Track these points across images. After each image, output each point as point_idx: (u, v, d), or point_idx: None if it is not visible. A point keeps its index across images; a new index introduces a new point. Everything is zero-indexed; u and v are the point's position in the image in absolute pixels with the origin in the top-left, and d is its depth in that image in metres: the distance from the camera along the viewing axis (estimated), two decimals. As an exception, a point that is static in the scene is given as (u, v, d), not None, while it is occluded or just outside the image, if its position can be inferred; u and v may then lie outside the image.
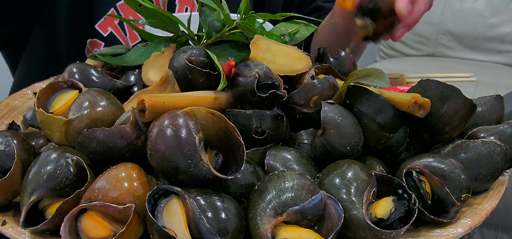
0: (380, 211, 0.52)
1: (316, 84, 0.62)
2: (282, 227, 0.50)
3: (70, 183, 0.54)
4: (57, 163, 0.54)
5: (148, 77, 0.68)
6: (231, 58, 0.69)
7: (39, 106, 0.60)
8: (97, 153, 0.55)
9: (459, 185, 0.57)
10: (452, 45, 2.34)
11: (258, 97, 0.59)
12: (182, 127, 0.51)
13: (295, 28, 0.77)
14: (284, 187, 0.51)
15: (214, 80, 0.62)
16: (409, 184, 0.57)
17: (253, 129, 0.58)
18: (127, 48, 0.79)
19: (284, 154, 0.58)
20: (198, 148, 0.51)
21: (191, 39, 0.74)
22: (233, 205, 0.51)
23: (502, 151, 0.60)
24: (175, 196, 0.50)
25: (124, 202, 0.50)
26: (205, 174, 0.51)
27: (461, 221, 0.55)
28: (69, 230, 0.50)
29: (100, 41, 1.03)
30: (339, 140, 0.57)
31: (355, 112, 0.60)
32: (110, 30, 1.04)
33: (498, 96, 0.68)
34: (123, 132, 0.55)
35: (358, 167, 0.54)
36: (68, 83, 0.63)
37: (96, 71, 0.69)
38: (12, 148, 0.57)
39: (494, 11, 2.25)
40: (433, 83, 0.59)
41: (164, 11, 0.71)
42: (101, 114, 0.58)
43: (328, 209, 0.51)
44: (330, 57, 0.76)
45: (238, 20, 0.71)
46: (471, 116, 0.61)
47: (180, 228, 0.48)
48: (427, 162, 0.58)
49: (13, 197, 0.57)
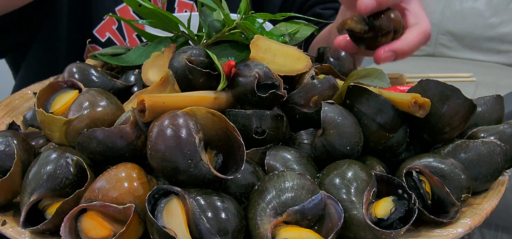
0: (380, 211, 0.52)
1: (316, 84, 0.62)
2: (282, 227, 0.50)
3: (70, 183, 0.54)
4: (57, 163, 0.54)
5: (148, 77, 0.68)
6: (231, 58, 0.69)
7: (39, 106, 0.60)
8: (97, 153, 0.55)
9: (459, 185, 0.57)
10: (452, 45, 2.34)
11: (258, 97, 0.59)
12: (182, 127, 0.51)
13: (295, 28, 0.77)
14: (284, 187, 0.51)
15: (214, 80, 0.62)
16: (409, 184, 0.57)
17: (253, 129, 0.58)
18: (127, 48, 0.79)
19: (284, 154, 0.58)
20: (198, 148, 0.51)
21: (191, 39, 0.74)
22: (233, 205, 0.51)
23: (502, 151, 0.60)
24: (175, 196, 0.50)
25: (124, 202, 0.50)
26: (205, 174, 0.51)
27: (461, 221, 0.55)
28: (69, 230, 0.50)
29: (98, 47, 1.04)
30: (339, 140, 0.57)
31: (355, 112, 0.60)
32: (108, 36, 1.04)
33: (498, 96, 0.68)
34: (123, 132, 0.55)
35: (358, 167, 0.54)
36: (68, 83, 0.63)
37: (96, 71, 0.69)
38: (12, 148, 0.57)
39: (494, 11, 2.26)
40: (433, 83, 0.59)
41: (164, 11, 0.71)
42: (101, 114, 0.58)
43: (328, 209, 0.51)
44: (330, 57, 0.76)
45: (238, 20, 0.71)
46: (471, 116, 0.60)
47: (180, 228, 0.48)
48: (427, 162, 0.58)
49: (13, 197, 0.57)
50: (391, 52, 0.75)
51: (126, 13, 1.03)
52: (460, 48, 2.33)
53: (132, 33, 1.05)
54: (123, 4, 1.03)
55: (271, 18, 0.76)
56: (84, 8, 1.02)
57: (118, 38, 1.05)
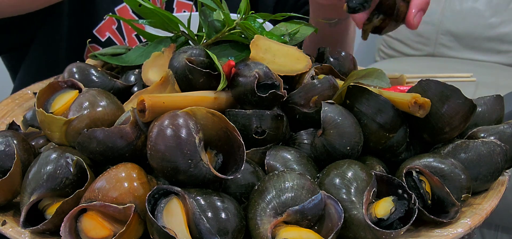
0: (380, 211, 0.52)
1: (316, 84, 0.62)
2: (282, 227, 0.50)
3: (70, 183, 0.54)
4: (57, 163, 0.54)
5: (148, 77, 0.68)
6: (231, 58, 0.69)
7: (39, 106, 0.60)
8: (97, 153, 0.55)
9: (459, 185, 0.57)
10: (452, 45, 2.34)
11: (258, 97, 0.59)
12: (182, 127, 0.51)
13: (295, 28, 0.77)
14: (284, 187, 0.51)
15: (214, 80, 0.62)
16: (409, 184, 0.57)
17: (253, 129, 0.58)
18: (127, 48, 0.79)
19: (284, 154, 0.58)
20: (198, 148, 0.51)
21: (191, 39, 0.74)
22: (233, 205, 0.51)
23: (502, 151, 0.60)
24: (175, 196, 0.50)
25: (124, 202, 0.50)
26: (205, 174, 0.51)
27: (461, 221, 0.55)
28: (69, 230, 0.50)
29: (98, 46, 1.04)
30: (339, 140, 0.57)
31: (355, 112, 0.60)
32: (108, 35, 1.04)
33: (498, 96, 0.68)
34: (123, 132, 0.55)
35: (358, 167, 0.54)
36: (68, 83, 0.63)
37: (96, 71, 0.69)
38: (12, 148, 0.57)
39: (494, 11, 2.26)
40: (433, 83, 0.59)
41: (164, 11, 0.71)
42: (101, 114, 0.58)
43: (328, 209, 0.51)
44: (330, 57, 0.76)
45: (238, 20, 0.71)
46: (471, 116, 0.60)
47: (180, 228, 0.48)
48: (427, 162, 0.58)
49: (13, 197, 0.57)
50: (418, 12, 0.76)
51: (125, 13, 1.03)
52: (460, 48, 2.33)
53: (131, 33, 1.05)
54: (123, 4, 1.03)
55: (271, 18, 0.76)
56: (84, 8, 1.02)
57: (118, 38, 1.05)
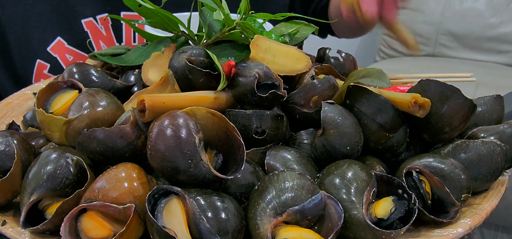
0: (380, 211, 0.52)
1: (316, 84, 0.62)
2: (282, 227, 0.50)
3: (70, 183, 0.54)
4: (57, 163, 0.54)
5: (148, 77, 0.68)
6: (231, 58, 0.69)
7: (39, 106, 0.60)
8: (97, 153, 0.55)
9: (459, 185, 0.57)
10: (452, 45, 2.34)
11: (258, 97, 0.59)
12: (182, 127, 0.51)
13: (295, 28, 0.77)
14: (284, 187, 0.51)
15: (214, 80, 0.62)
16: (409, 184, 0.57)
17: (253, 129, 0.58)
18: (127, 48, 0.79)
19: (284, 154, 0.58)
20: (198, 148, 0.51)
21: (191, 39, 0.74)
22: (233, 205, 0.51)
23: (502, 151, 0.60)
24: (175, 196, 0.50)
25: (124, 202, 0.50)
26: (205, 174, 0.51)
27: (461, 221, 0.55)
28: (69, 230, 0.50)
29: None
30: (339, 140, 0.57)
31: (355, 112, 0.60)
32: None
33: (498, 96, 0.68)
34: (123, 132, 0.55)
35: (358, 167, 0.55)
36: (68, 83, 0.63)
37: (96, 71, 0.69)
38: (12, 148, 0.57)
39: (494, 11, 2.25)
40: (433, 83, 0.59)
41: (164, 11, 0.71)
42: (101, 114, 0.58)
43: (328, 209, 0.51)
44: (330, 57, 0.76)
45: (238, 20, 0.71)
46: (471, 116, 0.61)
47: (180, 228, 0.48)
48: (427, 162, 0.58)
49: (13, 197, 0.57)
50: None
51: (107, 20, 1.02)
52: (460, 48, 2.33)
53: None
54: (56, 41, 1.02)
55: (271, 18, 0.76)
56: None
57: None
